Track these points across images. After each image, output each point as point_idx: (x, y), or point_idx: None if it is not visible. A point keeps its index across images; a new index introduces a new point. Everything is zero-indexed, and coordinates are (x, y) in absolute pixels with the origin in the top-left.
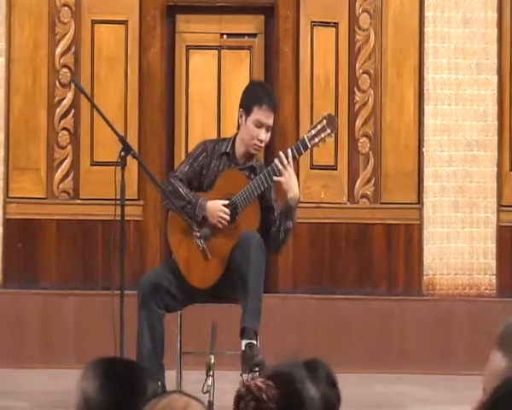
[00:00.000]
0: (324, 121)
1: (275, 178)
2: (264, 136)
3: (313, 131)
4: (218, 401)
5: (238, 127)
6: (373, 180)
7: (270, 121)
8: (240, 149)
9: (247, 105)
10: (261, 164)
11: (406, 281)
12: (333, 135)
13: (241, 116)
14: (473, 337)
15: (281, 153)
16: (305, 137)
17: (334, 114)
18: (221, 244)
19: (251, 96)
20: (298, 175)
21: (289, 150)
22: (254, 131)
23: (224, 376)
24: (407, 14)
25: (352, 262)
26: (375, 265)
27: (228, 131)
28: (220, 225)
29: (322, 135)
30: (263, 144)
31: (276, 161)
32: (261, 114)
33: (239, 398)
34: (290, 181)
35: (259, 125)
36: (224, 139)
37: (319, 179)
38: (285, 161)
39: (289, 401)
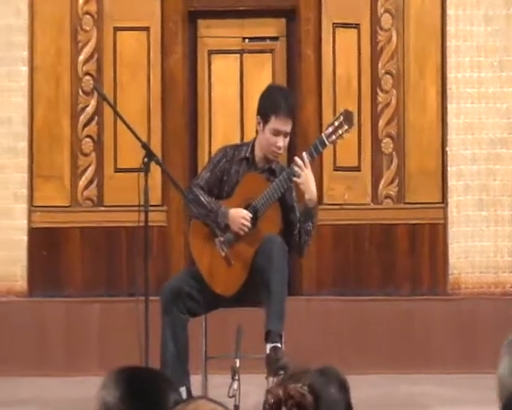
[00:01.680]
0: (341, 118)
1: (293, 178)
2: (282, 143)
3: (330, 129)
4: (244, 405)
5: (257, 132)
6: (396, 180)
7: (288, 128)
8: (259, 154)
9: (264, 113)
10: (281, 166)
11: (431, 281)
12: (350, 131)
13: (258, 123)
14: (498, 336)
15: (296, 158)
16: (323, 134)
17: (353, 112)
18: (243, 249)
19: (268, 104)
20: (321, 177)
21: (304, 153)
22: (272, 139)
23: (250, 380)
24: (429, 13)
25: (375, 263)
26: (400, 265)
27: (250, 135)
28: (242, 233)
29: (340, 131)
30: (281, 151)
31: (294, 164)
32: (278, 123)
33: (279, 402)
34: (307, 182)
35: (277, 133)
36: (244, 144)
37: (343, 181)
38: (300, 163)
39: (323, 407)
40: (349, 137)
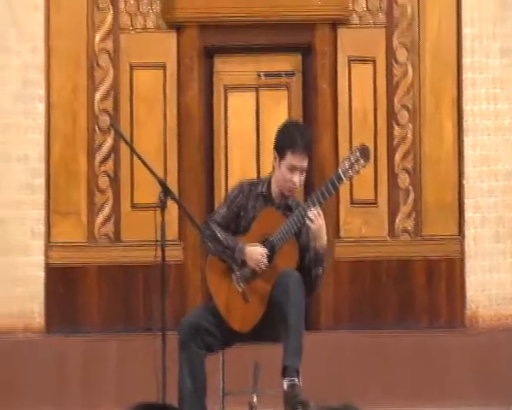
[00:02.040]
0: (357, 153)
1: (308, 222)
2: (298, 178)
3: (347, 164)
4: None
5: (273, 168)
6: (413, 214)
7: (304, 164)
8: (275, 190)
9: (280, 148)
10: (297, 202)
11: (448, 314)
12: (366, 166)
13: (275, 158)
14: None
15: (309, 213)
16: (339, 170)
17: (371, 149)
18: (260, 285)
19: (284, 140)
20: (338, 211)
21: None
22: (288, 175)
23: None
24: (444, 45)
25: (393, 297)
26: (417, 299)
27: (267, 170)
28: (259, 269)
29: (356, 167)
30: (297, 187)
31: (308, 209)
32: (294, 159)
33: None
34: (319, 230)
35: (293, 169)
36: (260, 180)
37: (359, 215)
38: (314, 213)
39: None
40: (365, 171)
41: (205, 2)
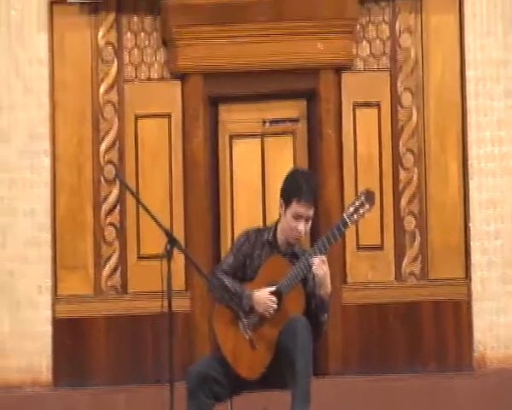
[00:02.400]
0: (362, 197)
1: (314, 269)
2: (303, 227)
3: (352, 209)
4: None
5: (280, 216)
6: (420, 258)
7: (310, 212)
8: (281, 237)
9: (286, 196)
10: (303, 250)
11: (456, 357)
12: (371, 210)
13: (281, 206)
14: None
15: (313, 260)
16: (345, 215)
17: (376, 193)
18: (267, 332)
19: (290, 188)
20: (344, 256)
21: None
22: (293, 223)
23: None
24: (448, 89)
25: (401, 341)
26: (425, 342)
27: (273, 217)
28: (268, 315)
29: (361, 211)
30: (302, 235)
31: (312, 256)
32: (300, 207)
33: None
34: (323, 278)
35: (298, 217)
36: (266, 228)
37: (366, 260)
38: (318, 261)
39: None
40: (371, 215)
41: (208, 51)
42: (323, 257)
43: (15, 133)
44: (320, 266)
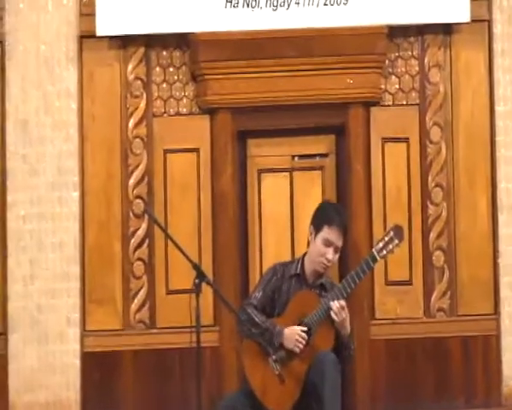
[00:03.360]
0: (391, 233)
1: (332, 315)
2: (332, 256)
3: (381, 244)
4: None
5: (308, 245)
6: (449, 293)
7: (340, 242)
8: (309, 268)
9: (317, 223)
10: (331, 282)
11: (485, 392)
12: (400, 245)
13: (311, 233)
14: None
15: (332, 304)
16: (374, 250)
17: (406, 228)
18: (296, 367)
19: (322, 215)
20: (373, 291)
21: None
22: (322, 249)
23: None
24: (477, 124)
25: (429, 377)
26: (454, 378)
27: (302, 252)
28: (297, 350)
29: (390, 246)
30: (330, 264)
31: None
32: (330, 233)
33: None
34: (342, 323)
35: (328, 243)
36: (293, 261)
37: (394, 295)
38: (337, 306)
39: None
40: (400, 250)
41: (237, 85)
42: (342, 302)
43: (44, 166)
44: (339, 311)
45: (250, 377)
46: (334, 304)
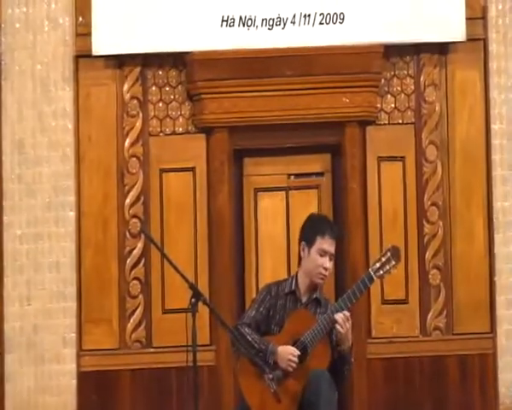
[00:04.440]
0: (388, 253)
1: (337, 326)
2: (328, 264)
3: (378, 264)
4: None
5: (299, 263)
6: (445, 312)
7: (333, 249)
8: (304, 284)
9: (309, 237)
10: (325, 297)
11: None
12: (397, 266)
13: (303, 249)
14: None
15: (337, 317)
16: (370, 270)
17: (402, 247)
18: (292, 385)
19: (312, 228)
20: (369, 310)
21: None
22: (319, 260)
23: None
24: (473, 143)
25: (426, 395)
26: (450, 396)
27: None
28: (291, 369)
29: (387, 267)
30: (327, 273)
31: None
32: (324, 243)
33: None
34: (346, 335)
35: (323, 253)
36: (285, 279)
37: (391, 314)
38: (342, 317)
39: None
40: (396, 269)
41: (233, 105)
42: (347, 313)
43: (40, 187)
44: (344, 322)
45: (247, 396)
46: (339, 315)
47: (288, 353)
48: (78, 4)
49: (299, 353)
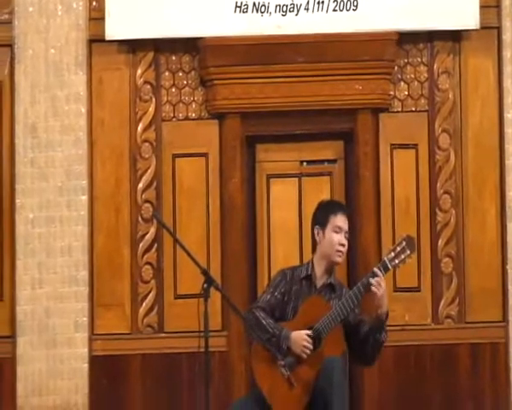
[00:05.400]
0: (404, 243)
1: (373, 288)
2: (345, 240)
3: (393, 253)
4: None
5: (313, 249)
6: (457, 300)
7: (347, 226)
8: (319, 269)
9: (322, 219)
10: (340, 283)
11: (493, 400)
12: (412, 256)
13: (317, 233)
14: None
15: (375, 269)
16: (386, 259)
17: (415, 235)
18: (305, 372)
19: (324, 210)
20: None
21: (377, 270)
22: (335, 238)
23: None
24: (487, 132)
25: (438, 384)
26: (462, 385)
27: (310, 257)
28: (304, 356)
29: (402, 256)
30: (344, 249)
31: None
32: (338, 220)
33: None
34: (383, 296)
35: (338, 230)
36: (301, 265)
37: (403, 302)
38: (379, 278)
39: None
40: (411, 259)
41: (246, 91)
42: (380, 277)
43: (53, 171)
44: (379, 284)
45: (259, 381)
46: (373, 280)
47: (301, 339)
48: None
49: (311, 340)
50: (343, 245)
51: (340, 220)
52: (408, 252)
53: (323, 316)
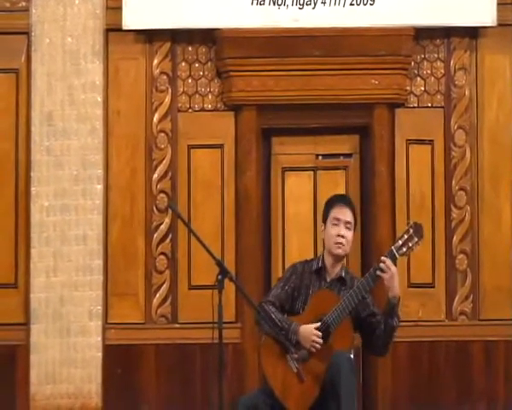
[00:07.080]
0: (411, 230)
1: (379, 273)
2: (344, 231)
3: (400, 241)
4: None
5: (324, 243)
6: (471, 297)
7: (348, 217)
8: (328, 263)
9: (324, 215)
10: (351, 275)
11: (507, 397)
12: (421, 243)
13: (322, 230)
14: None
15: (383, 258)
16: (393, 247)
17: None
18: (315, 365)
19: (326, 207)
20: None
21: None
22: (334, 230)
23: None
24: (502, 128)
25: (451, 381)
26: (475, 382)
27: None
28: (313, 350)
29: (410, 244)
30: (344, 240)
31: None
32: (336, 212)
33: None
34: (392, 279)
35: (337, 221)
36: (312, 259)
37: (417, 298)
38: (387, 262)
39: None
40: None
41: (262, 83)
42: (388, 261)
43: (68, 159)
44: (387, 267)
45: (269, 376)
46: (382, 264)
47: (311, 333)
48: None
49: (320, 334)
50: (342, 236)
51: (339, 212)
52: (416, 239)
53: (332, 308)
